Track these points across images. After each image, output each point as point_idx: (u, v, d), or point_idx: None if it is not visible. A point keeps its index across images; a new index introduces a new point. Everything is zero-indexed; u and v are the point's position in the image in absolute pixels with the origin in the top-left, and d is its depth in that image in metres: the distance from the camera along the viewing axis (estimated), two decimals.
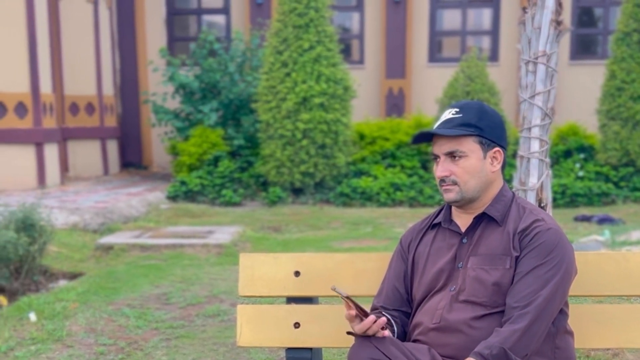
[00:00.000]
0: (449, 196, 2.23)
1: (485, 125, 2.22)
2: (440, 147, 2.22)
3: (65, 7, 11.77)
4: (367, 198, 9.97)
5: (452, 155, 2.20)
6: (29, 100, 10.08)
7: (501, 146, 2.26)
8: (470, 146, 2.21)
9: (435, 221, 2.36)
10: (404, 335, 2.30)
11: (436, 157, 2.25)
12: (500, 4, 13.10)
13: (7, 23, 9.77)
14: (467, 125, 2.21)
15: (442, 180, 2.22)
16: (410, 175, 10.30)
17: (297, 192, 10.19)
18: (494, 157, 2.24)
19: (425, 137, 2.28)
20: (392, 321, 2.29)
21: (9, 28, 9.80)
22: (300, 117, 9.82)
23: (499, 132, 2.26)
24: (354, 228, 8.37)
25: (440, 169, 2.22)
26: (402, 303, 2.34)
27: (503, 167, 2.27)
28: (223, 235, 7.54)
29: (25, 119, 10.06)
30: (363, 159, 10.59)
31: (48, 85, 10.46)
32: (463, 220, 2.28)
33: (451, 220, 2.31)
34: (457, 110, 2.24)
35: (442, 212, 2.35)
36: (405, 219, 8.82)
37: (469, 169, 2.21)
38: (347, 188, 10.00)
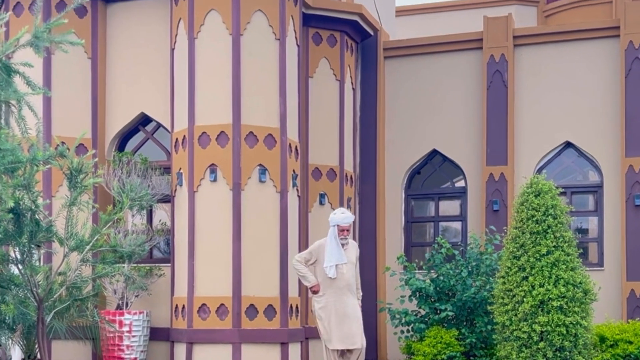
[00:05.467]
0: None
1: None
2: None
3: (312, 218, 12.80)
4: None
5: None
6: (278, 303, 10.93)
7: None
8: None
9: None
10: None
11: None
12: None
13: (264, 237, 10.87)
14: None
15: None
16: None
17: None
18: None
19: None
20: None
21: (265, 237, 10.88)
22: (537, 319, 9.70)
23: None
24: None
25: None
26: None
27: None
28: None
29: (273, 320, 10.86)
30: None
31: (295, 289, 11.31)
32: None
33: None
34: None
35: None
36: None
37: None
38: None
